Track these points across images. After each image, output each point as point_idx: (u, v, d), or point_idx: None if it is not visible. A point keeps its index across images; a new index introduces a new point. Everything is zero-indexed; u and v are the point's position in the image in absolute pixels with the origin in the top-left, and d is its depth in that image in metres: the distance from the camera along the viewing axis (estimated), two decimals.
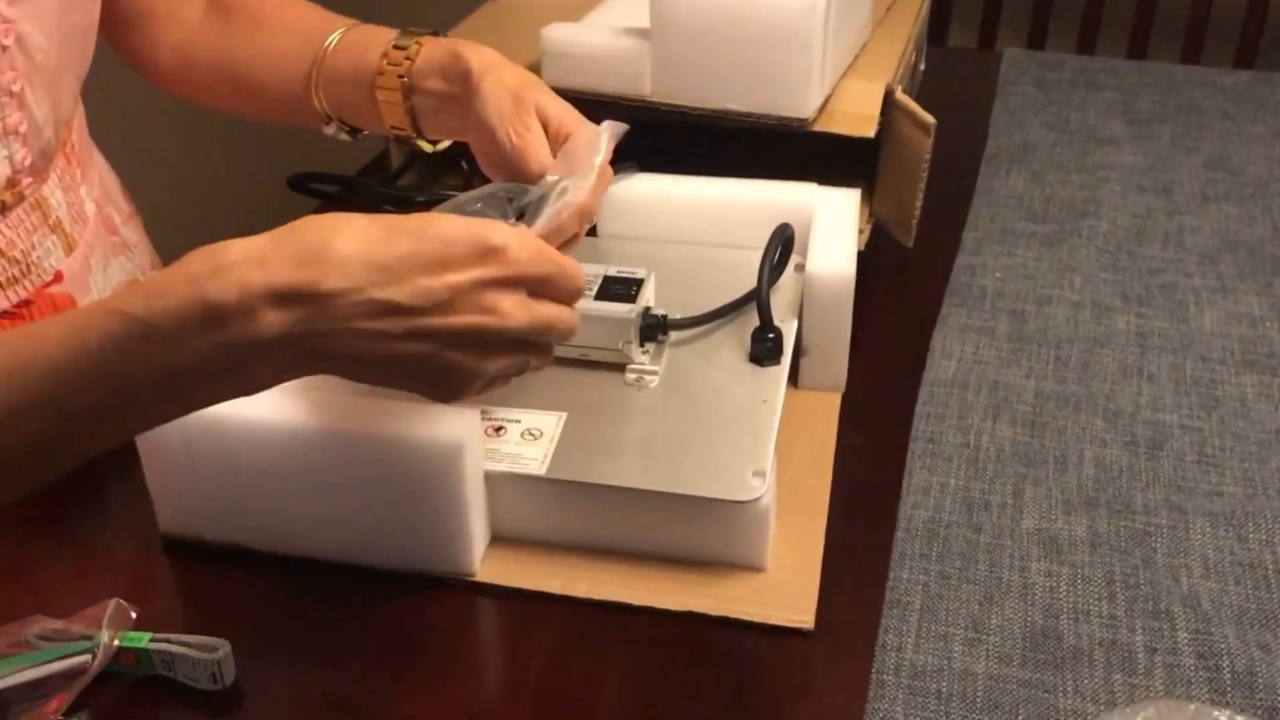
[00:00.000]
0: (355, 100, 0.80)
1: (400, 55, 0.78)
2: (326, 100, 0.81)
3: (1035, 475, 0.79)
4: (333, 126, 0.83)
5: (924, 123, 0.96)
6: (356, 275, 0.52)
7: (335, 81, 0.81)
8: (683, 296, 0.84)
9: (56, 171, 0.79)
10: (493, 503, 0.72)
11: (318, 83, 0.81)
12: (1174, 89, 1.34)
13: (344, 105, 0.81)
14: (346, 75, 0.80)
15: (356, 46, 0.80)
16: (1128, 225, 1.08)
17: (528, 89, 0.74)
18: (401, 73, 0.78)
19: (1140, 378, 0.88)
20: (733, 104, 0.95)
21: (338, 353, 0.54)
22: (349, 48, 0.81)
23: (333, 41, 0.81)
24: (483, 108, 0.73)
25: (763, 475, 0.69)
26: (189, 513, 0.74)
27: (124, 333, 0.50)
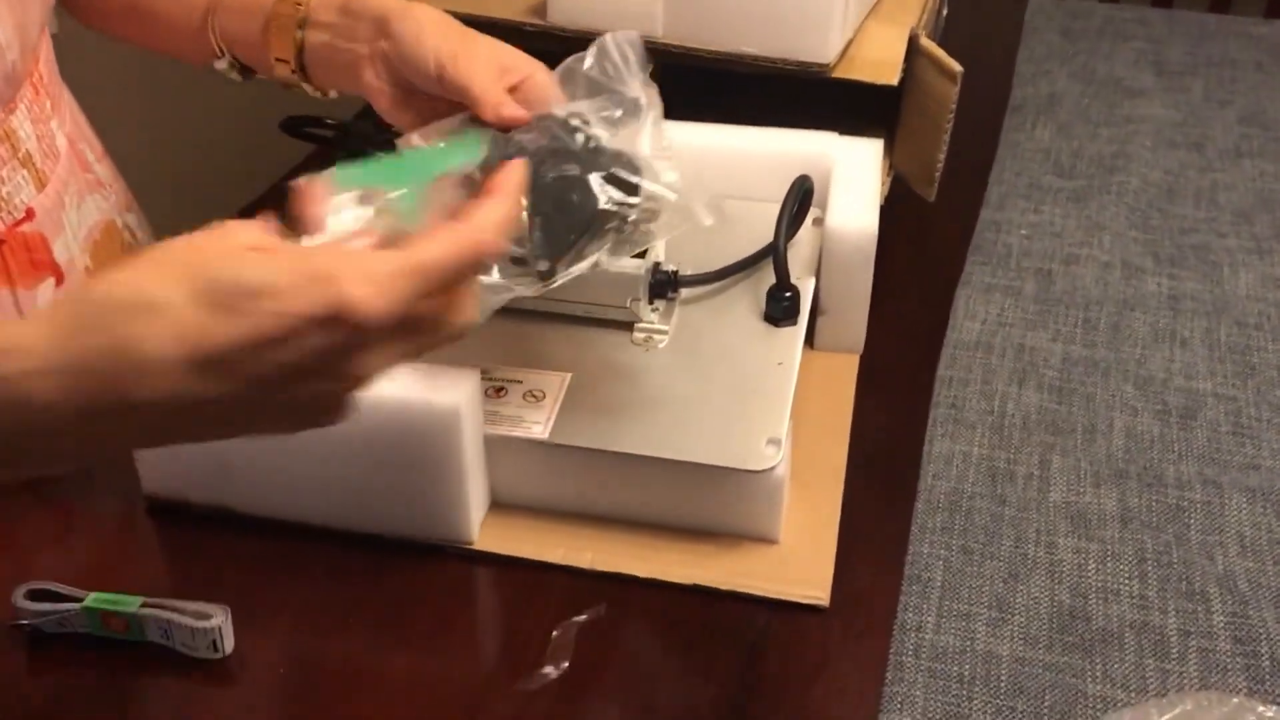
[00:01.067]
0: (247, 33, 0.74)
1: None
2: (220, 32, 0.76)
3: (1063, 445, 0.75)
4: (224, 62, 0.77)
5: (950, 70, 0.91)
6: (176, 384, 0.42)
7: (230, 9, 0.75)
8: (694, 251, 0.79)
9: (25, 102, 0.74)
10: (492, 468, 0.68)
11: (214, 11, 0.75)
12: (1205, 39, 1.29)
13: (236, 38, 0.76)
14: (246, 6, 0.74)
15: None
16: (1158, 182, 1.03)
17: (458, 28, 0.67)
18: (296, 13, 0.71)
19: (1172, 343, 0.84)
20: (749, 47, 0.90)
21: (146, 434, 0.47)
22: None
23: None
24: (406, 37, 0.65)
25: (778, 443, 0.65)
26: (174, 474, 0.70)
27: None
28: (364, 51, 0.69)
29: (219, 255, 0.43)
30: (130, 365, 0.41)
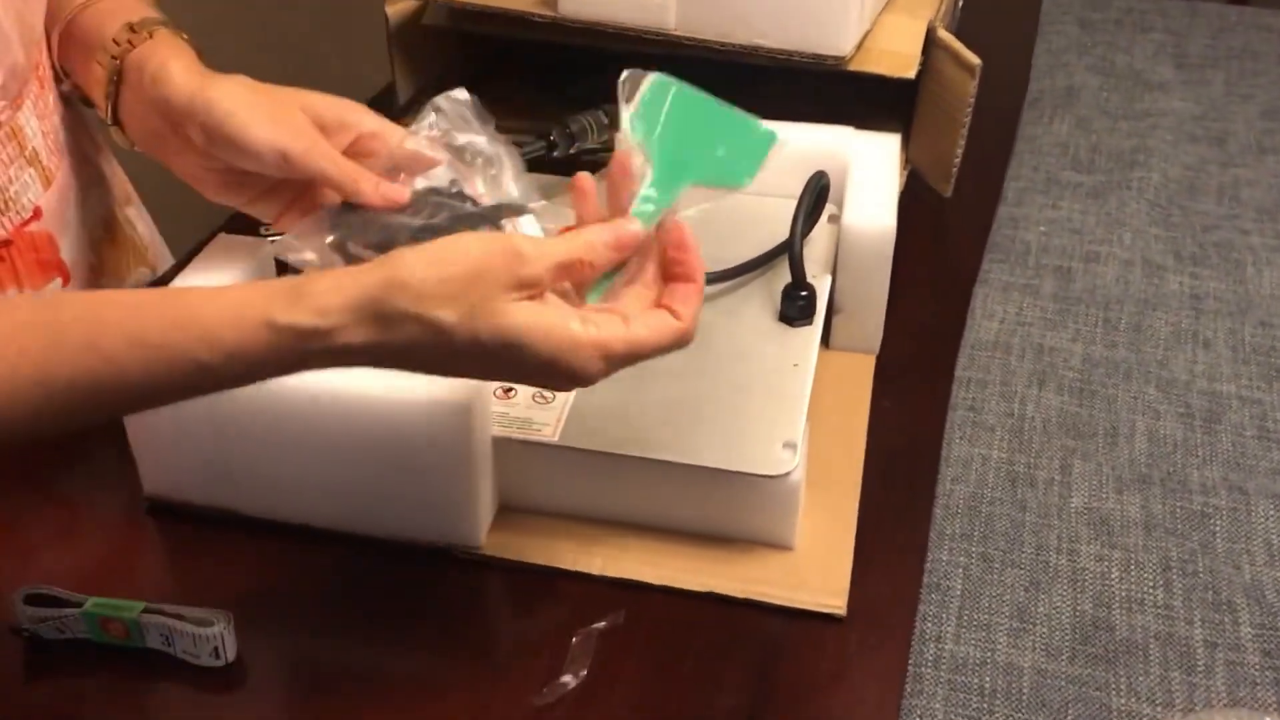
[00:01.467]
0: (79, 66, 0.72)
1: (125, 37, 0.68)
2: (59, 54, 0.73)
3: (1084, 449, 0.73)
4: (66, 84, 0.75)
5: (968, 63, 0.90)
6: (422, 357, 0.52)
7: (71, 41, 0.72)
8: (707, 248, 0.76)
9: (30, 97, 0.73)
10: (501, 470, 0.67)
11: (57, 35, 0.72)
12: (1227, 31, 1.27)
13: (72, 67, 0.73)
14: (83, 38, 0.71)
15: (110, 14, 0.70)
16: (1179, 177, 1.01)
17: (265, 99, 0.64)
18: (115, 55, 0.68)
19: (1195, 343, 0.82)
20: (763, 40, 0.89)
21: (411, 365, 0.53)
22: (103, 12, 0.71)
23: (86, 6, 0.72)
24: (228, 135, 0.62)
25: (793, 447, 0.64)
26: (175, 474, 0.69)
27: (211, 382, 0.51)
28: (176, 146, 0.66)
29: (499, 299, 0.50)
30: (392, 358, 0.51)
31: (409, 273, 0.49)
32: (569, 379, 0.52)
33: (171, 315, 0.50)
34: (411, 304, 0.49)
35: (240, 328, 0.49)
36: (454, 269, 0.49)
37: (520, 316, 0.50)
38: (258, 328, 0.49)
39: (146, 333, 0.49)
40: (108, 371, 0.49)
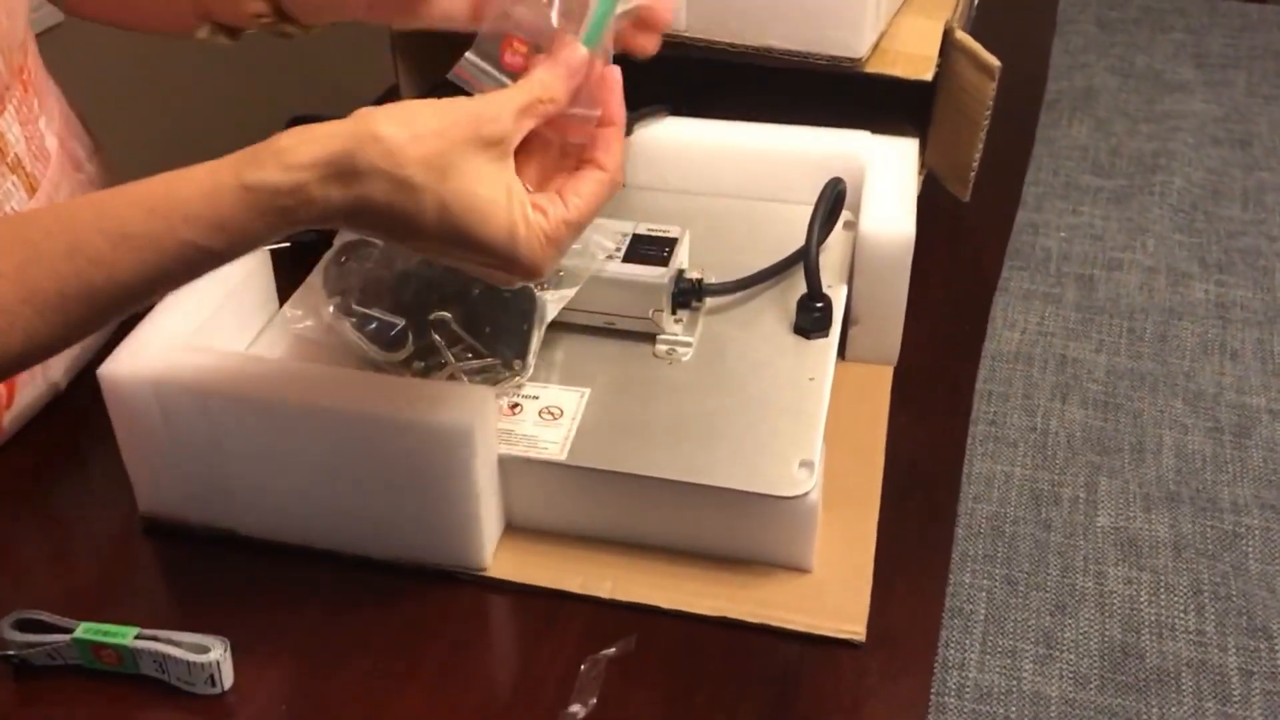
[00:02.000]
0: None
1: None
2: None
3: (1110, 465, 0.71)
4: (204, 29, 0.74)
5: (987, 65, 0.87)
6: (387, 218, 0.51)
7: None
8: (719, 257, 0.75)
9: (13, 102, 0.70)
10: (507, 490, 0.64)
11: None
12: (1248, 30, 1.24)
13: None
14: None
15: None
16: (1202, 181, 0.99)
17: None
18: None
19: (1222, 354, 0.80)
20: (777, 41, 0.86)
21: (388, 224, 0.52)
22: None
23: None
24: None
25: (810, 466, 0.61)
26: (171, 493, 0.67)
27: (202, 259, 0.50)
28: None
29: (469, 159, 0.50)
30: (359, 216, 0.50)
31: (380, 127, 0.49)
32: (525, 271, 0.53)
33: (147, 203, 0.49)
34: (383, 159, 0.49)
35: (216, 197, 0.48)
36: (425, 128, 0.49)
37: (482, 189, 0.50)
38: (234, 192, 0.48)
39: (126, 226, 0.48)
40: (97, 274, 0.48)
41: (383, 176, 0.49)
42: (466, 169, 0.49)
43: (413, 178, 0.49)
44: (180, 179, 0.49)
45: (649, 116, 0.84)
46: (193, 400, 0.62)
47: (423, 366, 0.67)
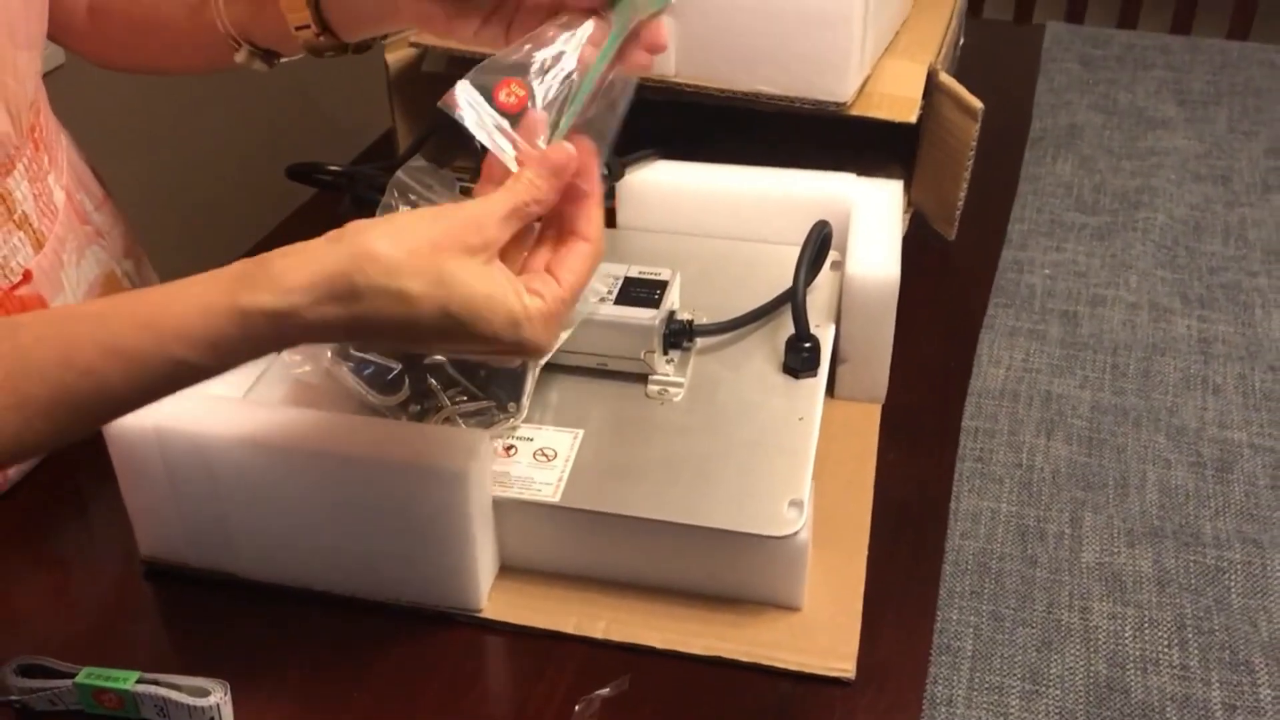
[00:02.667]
0: (257, 11, 0.73)
1: None
2: (230, 19, 0.74)
3: (1094, 500, 0.72)
4: (242, 53, 0.75)
5: (970, 106, 0.89)
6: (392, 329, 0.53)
7: None
8: (709, 298, 0.77)
9: (23, 161, 0.72)
10: (501, 532, 0.66)
11: (220, 6, 0.74)
12: (1229, 67, 1.26)
13: (247, 21, 0.74)
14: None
15: None
16: (1185, 217, 1.00)
17: None
18: None
19: (1205, 389, 0.81)
20: (764, 86, 0.88)
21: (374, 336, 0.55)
22: None
23: None
24: None
25: (800, 506, 0.62)
26: (171, 538, 0.68)
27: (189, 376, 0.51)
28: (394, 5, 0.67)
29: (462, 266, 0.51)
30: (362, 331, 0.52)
31: (375, 245, 0.50)
32: (531, 351, 0.55)
33: (141, 317, 0.50)
34: (382, 276, 0.50)
35: (210, 317, 0.50)
36: (418, 242, 0.51)
37: (480, 286, 0.52)
38: (228, 314, 0.50)
39: (119, 339, 0.50)
40: (87, 385, 0.49)
41: (383, 293, 0.50)
42: (461, 273, 0.51)
43: (411, 290, 0.50)
44: (175, 296, 0.50)
45: (639, 160, 0.85)
46: (193, 445, 0.63)
47: (419, 410, 0.68)
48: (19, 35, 0.70)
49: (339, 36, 0.73)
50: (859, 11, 0.84)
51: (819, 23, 0.84)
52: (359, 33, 0.73)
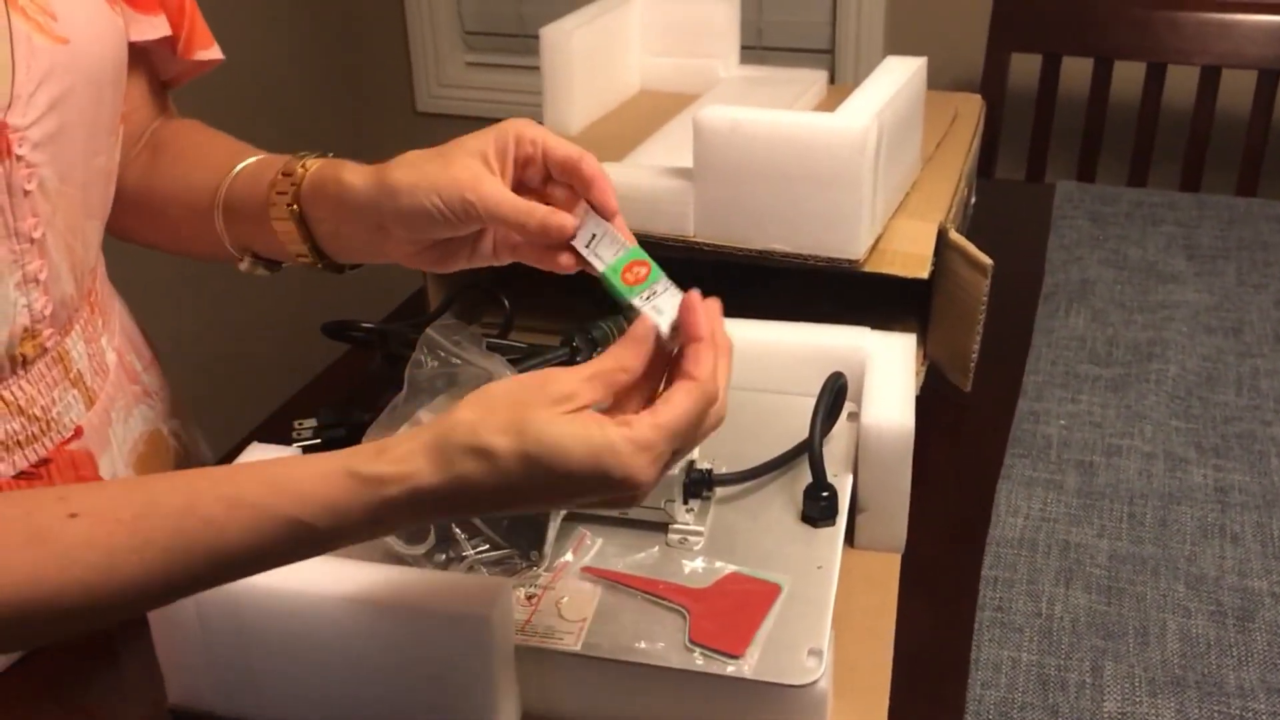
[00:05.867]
0: (258, 232, 0.77)
1: (287, 182, 0.74)
2: (230, 235, 0.78)
3: (1115, 649, 0.72)
4: (246, 262, 0.79)
5: (980, 263, 0.92)
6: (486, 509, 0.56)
7: (235, 215, 0.78)
8: (728, 447, 0.79)
9: (80, 322, 0.76)
10: (524, 679, 0.66)
11: (219, 216, 0.78)
12: (1236, 222, 1.30)
13: (249, 238, 0.78)
14: (245, 208, 0.77)
15: (253, 176, 0.77)
16: (1197, 369, 1.02)
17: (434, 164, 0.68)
18: (289, 200, 0.73)
19: (1223, 538, 0.82)
20: (779, 244, 0.92)
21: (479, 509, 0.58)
22: (246, 179, 0.77)
23: (234, 173, 0.78)
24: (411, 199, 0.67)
25: (819, 655, 0.63)
26: (200, 685, 0.69)
27: (307, 538, 0.53)
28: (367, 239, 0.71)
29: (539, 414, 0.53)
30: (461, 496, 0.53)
31: (460, 414, 0.53)
32: (625, 485, 0.54)
33: (264, 476, 0.53)
34: (467, 437, 0.53)
35: (328, 481, 0.52)
36: (496, 401, 0.54)
37: (559, 426, 0.53)
38: (344, 478, 0.52)
39: (242, 493, 0.52)
40: (207, 534, 0.52)
41: (469, 452, 0.53)
42: (538, 419, 0.53)
43: (494, 444, 0.52)
44: (297, 463, 0.54)
45: None
46: (226, 592, 0.65)
47: (443, 559, 0.70)
48: (92, 206, 0.75)
49: (333, 261, 0.77)
50: (868, 174, 0.88)
51: (831, 185, 0.88)
52: (351, 260, 0.77)
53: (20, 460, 0.72)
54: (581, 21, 1.13)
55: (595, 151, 0.95)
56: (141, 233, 0.85)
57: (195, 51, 0.82)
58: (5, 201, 0.66)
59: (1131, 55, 1.73)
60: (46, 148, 0.68)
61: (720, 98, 1.16)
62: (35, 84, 0.66)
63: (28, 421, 0.72)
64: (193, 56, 0.82)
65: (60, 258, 0.72)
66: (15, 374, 0.71)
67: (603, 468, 0.53)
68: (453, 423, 0.53)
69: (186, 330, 1.74)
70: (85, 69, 0.70)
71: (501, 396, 0.54)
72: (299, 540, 0.53)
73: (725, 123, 0.89)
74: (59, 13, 0.68)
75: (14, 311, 0.69)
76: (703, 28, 1.24)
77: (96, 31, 0.71)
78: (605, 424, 0.53)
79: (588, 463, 0.52)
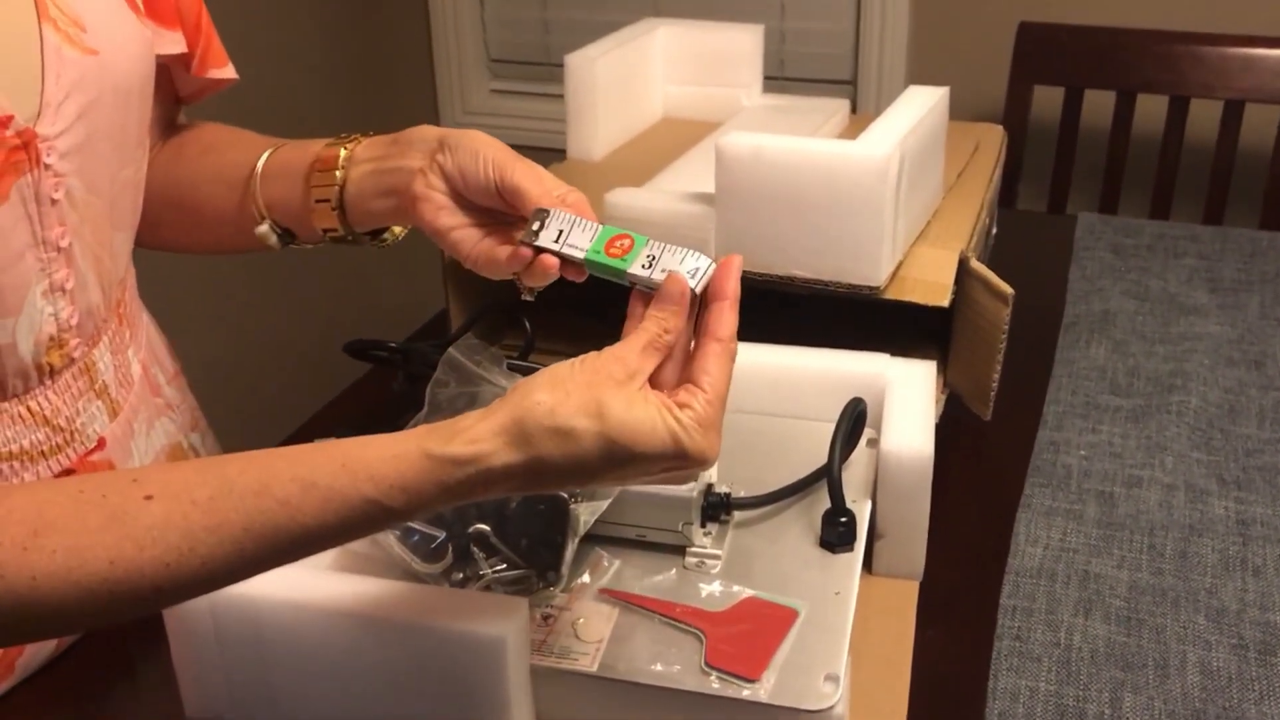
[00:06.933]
0: (289, 192, 0.79)
1: (345, 140, 0.77)
2: (263, 196, 0.80)
3: (1134, 681, 0.71)
4: (264, 226, 0.81)
5: (1001, 292, 0.92)
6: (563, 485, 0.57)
7: (273, 175, 0.80)
8: (747, 472, 0.79)
9: (108, 334, 0.77)
10: (539, 700, 0.66)
11: (257, 181, 0.80)
12: (1259, 255, 1.29)
13: (278, 200, 0.80)
14: (287, 166, 0.79)
15: (301, 145, 0.80)
16: (1219, 401, 1.02)
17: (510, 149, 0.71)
18: (346, 148, 0.76)
19: (1244, 571, 0.81)
20: (800, 270, 0.92)
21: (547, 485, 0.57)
22: (294, 146, 0.81)
23: (279, 146, 0.81)
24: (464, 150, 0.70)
25: (836, 680, 0.63)
26: (216, 698, 0.69)
27: (380, 517, 0.54)
28: (415, 166, 0.72)
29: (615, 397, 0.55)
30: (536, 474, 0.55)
31: (537, 396, 0.55)
32: (699, 462, 0.56)
33: (338, 459, 0.54)
34: (547, 418, 0.54)
35: (401, 462, 0.54)
36: (570, 383, 0.55)
37: (637, 410, 0.55)
38: (419, 459, 0.54)
39: (315, 474, 0.53)
40: (282, 514, 0.53)
41: (549, 434, 0.54)
42: (614, 404, 0.55)
43: (575, 426, 0.54)
44: (370, 443, 0.55)
45: None
46: (244, 607, 0.65)
47: (461, 578, 0.70)
48: (120, 217, 0.75)
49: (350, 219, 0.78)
50: (890, 202, 0.88)
51: (852, 212, 0.88)
52: (366, 222, 0.79)
53: (44, 470, 0.73)
54: (606, 49, 1.14)
55: (618, 177, 0.96)
56: (168, 230, 0.86)
57: (210, 69, 0.84)
58: (33, 210, 0.67)
59: (1154, 89, 1.73)
60: (74, 157, 0.69)
61: (743, 125, 1.16)
62: (64, 94, 0.67)
63: (52, 432, 0.73)
64: (207, 74, 0.84)
65: (87, 268, 0.73)
66: (42, 384, 0.72)
67: (680, 449, 0.55)
68: (530, 404, 0.55)
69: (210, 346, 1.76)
70: (113, 80, 0.71)
71: (573, 378, 0.56)
72: (373, 519, 0.54)
73: (747, 149, 0.89)
74: (89, 24, 0.69)
75: (40, 319, 0.70)
76: (726, 57, 1.25)
77: (125, 43, 0.72)
78: (673, 408, 0.56)
79: (667, 446, 0.55)
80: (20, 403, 0.71)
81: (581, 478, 0.56)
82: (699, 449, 0.56)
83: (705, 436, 0.56)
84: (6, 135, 0.64)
